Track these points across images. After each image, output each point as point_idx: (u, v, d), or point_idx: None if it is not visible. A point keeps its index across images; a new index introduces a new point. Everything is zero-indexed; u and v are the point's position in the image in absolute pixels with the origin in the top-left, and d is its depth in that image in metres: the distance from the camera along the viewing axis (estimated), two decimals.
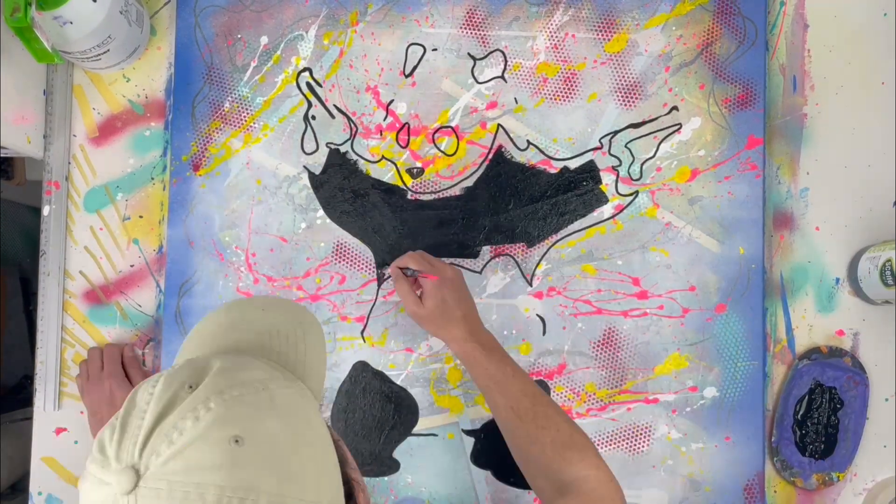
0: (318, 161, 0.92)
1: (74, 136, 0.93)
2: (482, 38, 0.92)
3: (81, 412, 0.91)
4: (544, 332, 0.91)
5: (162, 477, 0.42)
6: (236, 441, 0.43)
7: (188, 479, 0.42)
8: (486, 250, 0.92)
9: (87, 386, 0.89)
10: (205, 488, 0.42)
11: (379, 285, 0.91)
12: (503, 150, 0.92)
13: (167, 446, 0.43)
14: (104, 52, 0.86)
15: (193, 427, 0.43)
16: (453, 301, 0.82)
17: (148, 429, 0.44)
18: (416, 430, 0.91)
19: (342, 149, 0.92)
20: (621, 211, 0.92)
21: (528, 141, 0.92)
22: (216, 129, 0.92)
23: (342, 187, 0.92)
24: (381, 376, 0.91)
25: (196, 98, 0.92)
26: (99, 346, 0.92)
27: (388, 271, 0.90)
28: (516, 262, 0.92)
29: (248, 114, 0.92)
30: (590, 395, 0.91)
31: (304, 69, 0.92)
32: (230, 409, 0.45)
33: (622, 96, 0.92)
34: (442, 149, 0.92)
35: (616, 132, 0.92)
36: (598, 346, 0.91)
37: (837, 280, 0.93)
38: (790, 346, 0.92)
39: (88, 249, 0.92)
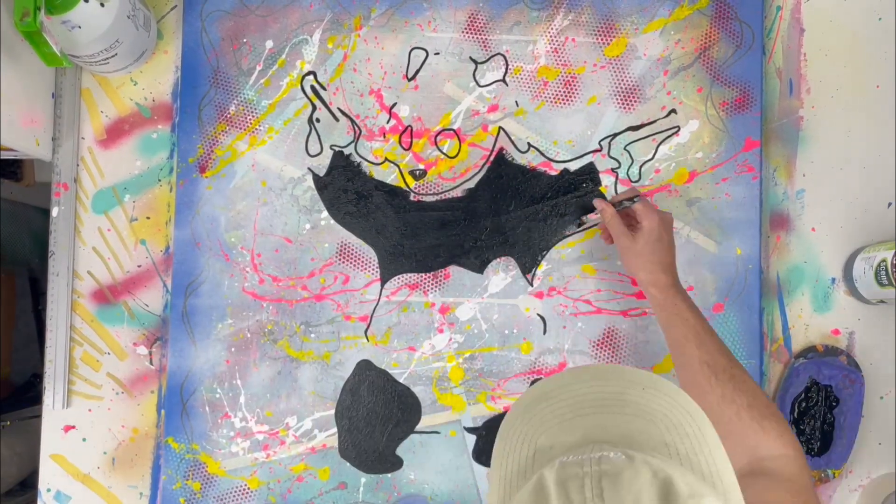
0: (323, 163, 0.93)
1: (83, 138, 0.94)
2: (484, 42, 0.93)
3: (90, 410, 0.93)
4: (545, 332, 0.93)
5: None
6: None
7: None
8: (490, 263, 0.93)
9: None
10: None
11: (494, 152, 0.90)
12: (504, 152, 0.93)
13: None
14: (112, 56, 0.87)
15: None
16: (668, 243, 0.81)
17: None
18: (418, 427, 0.92)
19: (346, 151, 0.93)
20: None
21: (528, 143, 0.93)
22: (222, 131, 0.93)
23: (346, 189, 0.93)
24: (384, 375, 0.92)
25: (202, 101, 0.93)
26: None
27: (591, 216, 0.89)
28: (517, 262, 0.93)
29: (253, 116, 0.93)
30: None
31: (309, 73, 0.94)
32: None
33: (621, 99, 0.93)
34: (444, 151, 0.93)
35: (615, 135, 0.93)
36: (597, 345, 0.92)
37: (833, 280, 0.94)
38: (787, 345, 0.94)
39: (96, 250, 0.94)
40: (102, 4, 0.80)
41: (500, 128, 0.93)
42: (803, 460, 0.68)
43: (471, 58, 0.93)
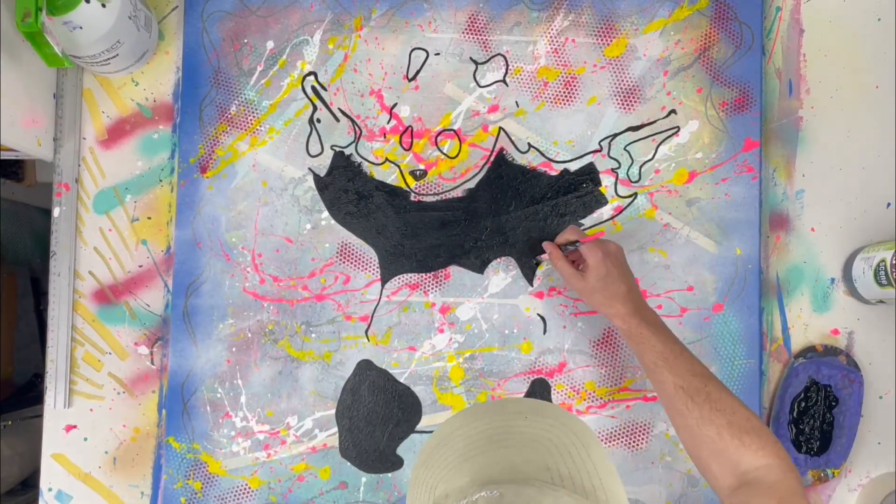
0: (323, 163, 0.93)
1: (84, 138, 0.94)
2: (484, 42, 0.94)
3: (91, 409, 0.93)
4: (545, 332, 0.93)
5: None
6: None
7: None
8: (490, 263, 0.93)
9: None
10: None
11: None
12: (504, 152, 0.94)
13: None
14: (113, 57, 0.87)
15: None
16: (618, 275, 0.81)
17: None
18: (419, 427, 0.93)
19: (346, 151, 0.93)
20: (620, 212, 0.93)
21: (528, 144, 0.93)
22: (223, 131, 0.94)
23: (346, 189, 0.93)
24: (384, 375, 0.93)
25: (203, 101, 0.93)
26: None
27: (543, 256, 0.90)
28: (517, 262, 0.93)
29: (254, 117, 0.94)
30: (590, 393, 0.92)
31: (310, 73, 0.94)
32: None
33: (621, 100, 0.93)
34: (444, 151, 0.94)
35: (615, 135, 0.93)
36: (597, 344, 0.93)
37: (832, 280, 0.94)
38: (786, 344, 0.94)
39: (98, 250, 0.94)
40: (104, 5, 0.80)
41: (500, 128, 0.94)
42: (787, 466, 0.68)
43: (471, 58, 0.94)
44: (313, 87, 0.94)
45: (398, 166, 0.93)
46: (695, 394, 0.73)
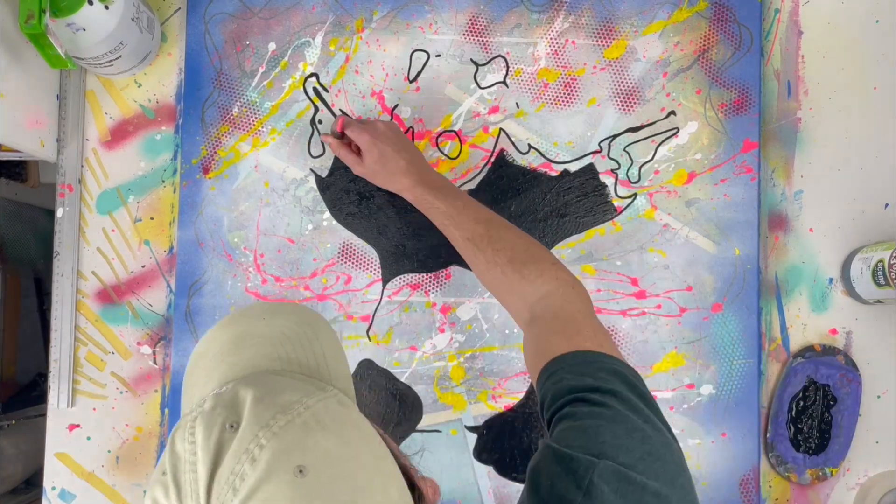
0: (325, 164, 0.94)
1: (87, 139, 0.95)
2: (484, 44, 0.94)
3: (94, 409, 0.94)
4: None
5: None
6: (300, 471, 0.41)
7: None
8: None
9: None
10: None
11: (495, 153, 0.93)
12: (505, 153, 0.94)
13: (233, 495, 0.41)
14: (116, 58, 0.88)
15: (253, 469, 0.41)
16: (392, 151, 0.84)
17: (206, 481, 0.42)
18: (420, 426, 0.93)
19: None
20: (620, 213, 0.94)
21: (529, 145, 0.94)
22: (225, 133, 0.94)
23: (348, 190, 0.94)
24: (385, 374, 0.93)
25: (206, 103, 0.94)
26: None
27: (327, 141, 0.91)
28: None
29: (256, 118, 0.94)
30: None
31: (311, 75, 0.94)
32: (283, 441, 0.42)
33: (621, 101, 0.94)
34: (445, 152, 0.94)
35: (615, 136, 0.94)
36: None
37: (831, 280, 0.95)
38: (785, 344, 0.94)
39: (101, 250, 0.95)
40: (107, 7, 0.81)
41: (500, 129, 0.94)
42: (567, 288, 0.69)
43: (472, 60, 0.94)
44: (315, 89, 0.94)
45: None
46: (479, 240, 0.76)
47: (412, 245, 0.93)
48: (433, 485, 0.54)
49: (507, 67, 0.94)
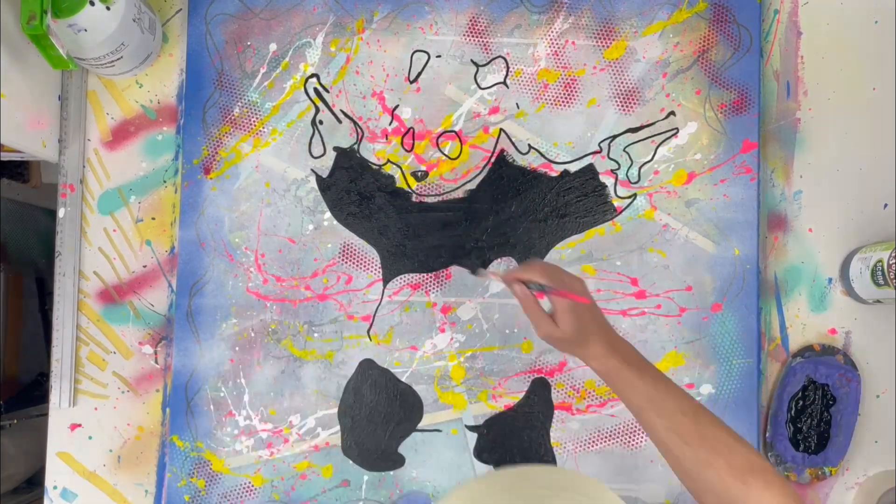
0: (326, 164, 0.94)
1: (89, 140, 0.95)
2: (485, 45, 0.94)
3: (95, 408, 0.94)
4: None
5: None
6: None
7: None
8: (491, 263, 0.94)
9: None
10: None
11: (495, 154, 0.88)
12: (505, 153, 0.94)
13: None
14: (118, 59, 0.88)
15: None
16: (589, 317, 0.73)
17: None
18: (420, 425, 0.93)
19: (348, 152, 0.94)
20: (620, 213, 0.94)
21: (529, 145, 0.94)
22: (226, 133, 0.94)
23: (349, 190, 0.94)
24: (386, 374, 0.94)
25: (207, 103, 0.94)
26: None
27: (499, 283, 0.83)
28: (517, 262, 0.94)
29: (257, 119, 0.95)
30: (589, 392, 0.93)
31: (312, 75, 0.95)
32: None
33: (621, 102, 0.94)
34: (446, 153, 0.95)
35: (615, 136, 0.94)
36: None
37: (830, 280, 0.95)
38: (784, 344, 0.95)
39: (102, 250, 0.95)
40: (108, 8, 0.81)
41: (500, 129, 0.94)
42: (795, 498, 0.65)
43: (472, 60, 0.94)
44: (316, 89, 0.95)
45: (400, 167, 0.94)
46: (688, 437, 0.68)
47: (413, 245, 0.94)
48: None
49: (508, 68, 0.94)
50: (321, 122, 0.94)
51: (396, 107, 0.94)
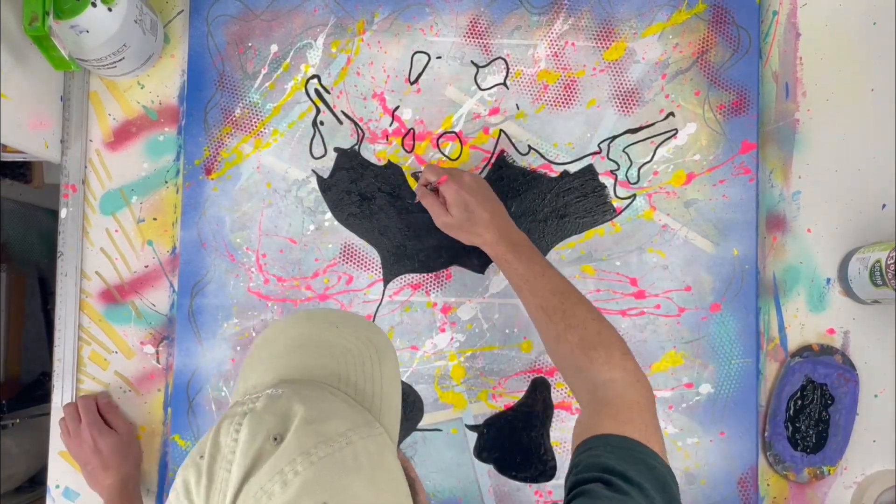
0: (327, 165, 0.95)
1: (90, 140, 0.96)
2: (485, 46, 0.95)
3: None
4: None
5: None
6: None
7: None
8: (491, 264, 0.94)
9: (70, 441, 0.90)
10: None
11: (495, 154, 0.93)
12: (505, 154, 0.95)
13: None
14: (119, 60, 0.88)
15: (282, 492, 0.43)
16: (477, 204, 0.82)
17: (236, 485, 0.43)
18: (420, 425, 0.94)
19: (349, 153, 0.95)
20: (619, 213, 0.94)
21: (529, 146, 0.95)
22: (228, 134, 0.95)
23: (349, 191, 0.94)
24: None
25: (208, 104, 0.95)
26: (72, 402, 0.93)
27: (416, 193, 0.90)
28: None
29: (258, 119, 0.95)
30: None
31: (313, 76, 0.95)
32: (318, 474, 0.44)
33: (620, 102, 0.95)
34: (446, 153, 0.95)
35: (614, 137, 0.94)
36: None
37: (828, 280, 0.96)
38: (783, 344, 0.95)
39: (104, 251, 0.95)
40: (110, 9, 0.81)
41: (500, 130, 0.95)
42: (630, 380, 0.69)
43: (472, 62, 0.95)
44: (317, 90, 0.95)
45: (400, 168, 0.95)
46: (552, 312, 0.75)
47: (413, 245, 0.94)
48: None
49: (508, 69, 0.95)
50: (322, 123, 0.95)
51: (397, 108, 0.95)
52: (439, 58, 0.95)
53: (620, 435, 0.63)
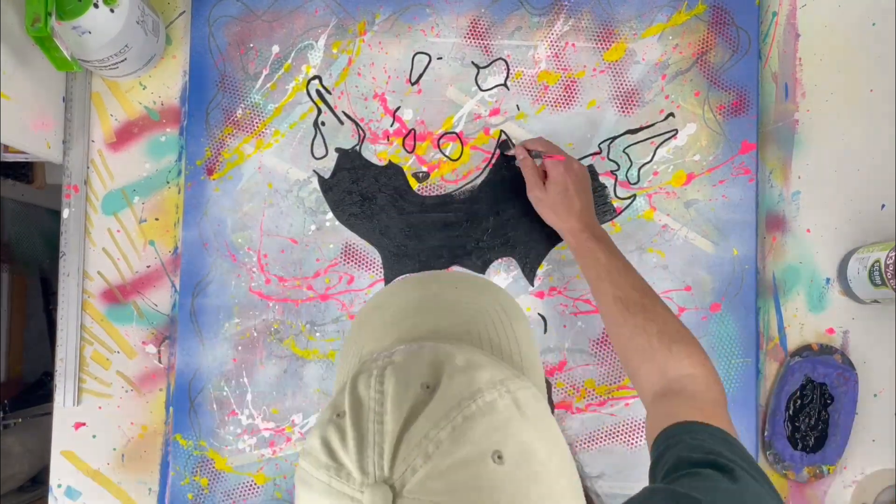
0: (328, 165, 0.95)
1: (92, 141, 0.96)
2: (485, 47, 0.95)
3: (99, 407, 0.95)
4: (545, 331, 0.94)
5: (423, 497, 0.37)
6: (498, 457, 0.38)
7: (453, 500, 0.37)
8: (492, 264, 0.95)
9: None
10: None
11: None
12: (506, 153, 0.95)
13: (423, 460, 0.38)
14: (121, 61, 0.89)
15: (451, 440, 0.38)
16: (575, 191, 0.85)
17: (394, 437, 0.39)
18: None
19: (350, 154, 0.95)
20: (619, 213, 0.95)
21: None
22: (229, 134, 0.95)
23: (351, 191, 0.95)
24: None
25: (210, 105, 0.95)
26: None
27: (513, 151, 0.92)
28: (519, 263, 0.95)
29: (259, 120, 0.95)
30: (589, 391, 0.94)
31: (314, 77, 0.95)
32: (485, 419, 0.39)
33: (620, 103, 0.95)
34: (447, 154, 0.95)
35: (614, 138, 0.95)
36: (597, 343, 0.94)
37: (828, 280, 0.96)
38: (782, 343, 0.95)
39: (106, 251, 0.96)
40: (112, 10, 0.82)
41: (501, 131, 0.95)
42: (712, 378, 0.70)
43: (473, 62, 0.95)
44: (318, 91, 0.95)
45: (401, 168, 0.95)
46: (631, 305, 0.76)
47: (414, 245, 0.94)
48: None
49: (508, 70, 0.95)
50: (323, 124, 0.95)
51: (398, 108, 0.95)
52: (440, 58, 0.95)
53: (711, 424, 0.62)
